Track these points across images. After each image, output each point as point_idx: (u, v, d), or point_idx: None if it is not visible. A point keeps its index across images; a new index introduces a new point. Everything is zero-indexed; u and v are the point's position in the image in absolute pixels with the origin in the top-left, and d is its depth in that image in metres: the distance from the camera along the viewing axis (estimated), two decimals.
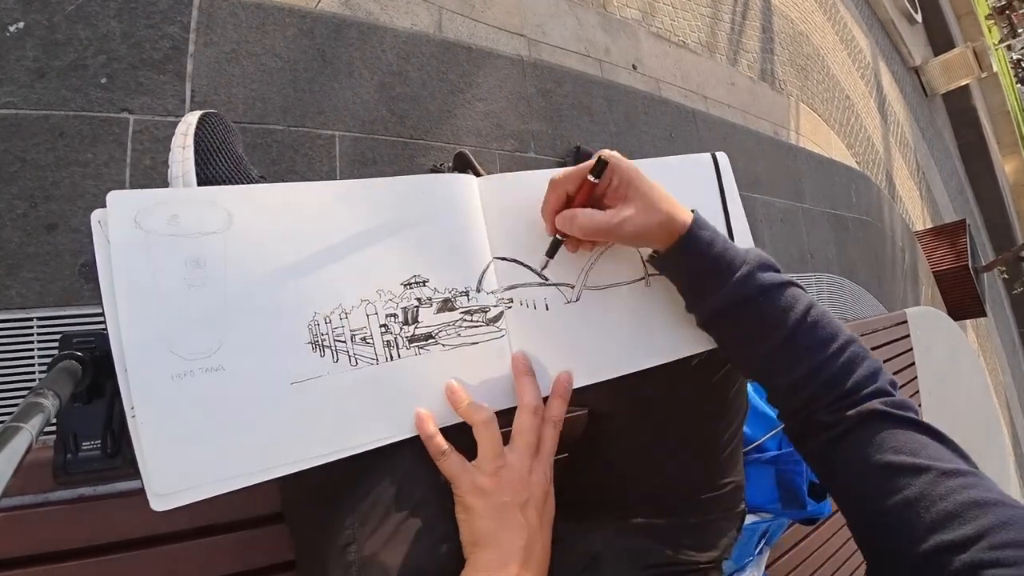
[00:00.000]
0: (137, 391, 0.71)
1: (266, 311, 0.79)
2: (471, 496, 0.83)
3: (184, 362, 0.74)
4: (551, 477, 0.91)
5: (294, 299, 0.81)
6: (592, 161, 0.86)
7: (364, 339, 0.85)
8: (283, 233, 0.82)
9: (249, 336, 0.78)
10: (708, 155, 1.11)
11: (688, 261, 0.89)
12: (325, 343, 0.82)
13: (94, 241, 0.72)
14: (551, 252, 0.93)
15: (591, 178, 0.86)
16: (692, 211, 0.90)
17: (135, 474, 0.74)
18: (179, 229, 0.76)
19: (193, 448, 0.74)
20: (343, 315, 0.84)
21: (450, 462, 0.84)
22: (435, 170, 2.49)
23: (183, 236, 0.76)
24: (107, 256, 0.72)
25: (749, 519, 1.63)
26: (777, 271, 0.89)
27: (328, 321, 0.82)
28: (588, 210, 0.87)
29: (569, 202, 0.90)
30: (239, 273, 0.78)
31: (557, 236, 0.92)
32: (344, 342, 0.83)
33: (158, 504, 0.72)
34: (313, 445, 0.80)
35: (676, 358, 1.00)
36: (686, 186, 1.06)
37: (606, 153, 0.85)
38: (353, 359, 0.84)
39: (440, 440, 0.85)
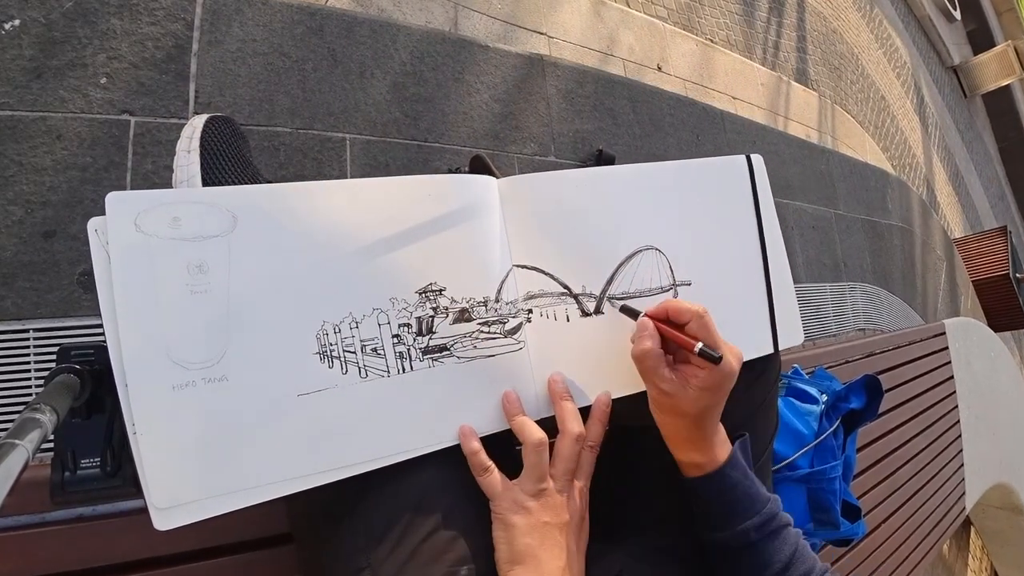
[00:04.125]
0: (137, 401, 0.71)
1: (272, 319, 0.78)
2: (513, 514, 0.84)
3: (186, 372, 0.73)
4: (587, 501, 0.92)
5: (302, 307, 0.80)
6: (711, 347, 0.83)
7: (375, 350, 0.84)
8: (291, 237, 0.81)
9: (254, 345, 0.77)
10: (742, 157, 1.09)
11: (709, 493, 0.91)
12: (334, 353, 0.81)
13: (91, 250, 0.71)
14: (625, 311, 0.94)
15: (697, 351, 0.83)
16: (732, 450, 0.91)
17: (136, 493, 0.74)
18: (181, 232, 0.75)
19: (195, 461, 0.74)
20: (353, 324, 0.83)
21: (493, 480, 0.86)
22: (451, 174, 2.47)
23: (185, 240, 0.75)
24: (105, 261, 0.71)
25: None
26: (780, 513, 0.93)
27: (337, 331, 0.81)
28: (660, 352, 0.86)
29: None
30: (244, 279, 0.77)
31: (644, 313, 0.90)
32: (354, 353, 0.82)
33: (161, 522, 0.72)
34: (321, 461, 0.80)
35: None
36: (716, 190, 1.06)
37: (717, 347, 0.83)
38: (363, 371, 0.83)
39: (484, 457, 0.86)
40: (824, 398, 1.76)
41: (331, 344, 0.81)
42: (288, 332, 0.79)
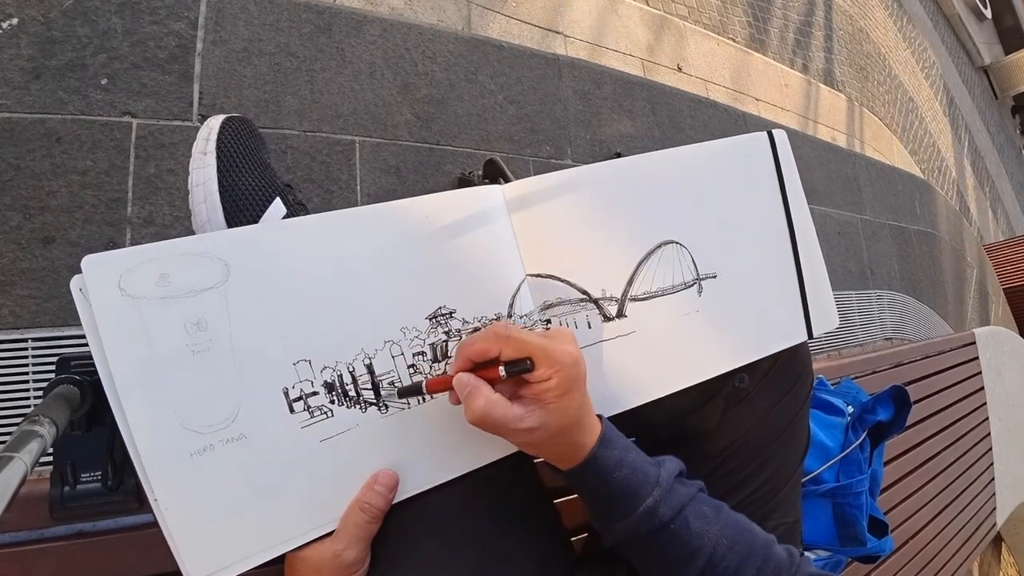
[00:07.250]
0: (155, 476, 0.69)
1: (282, 368, 0.76)
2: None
3: (201, 437, 0.72)
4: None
5: (311, 351, 0.78)
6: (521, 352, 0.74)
7: (393, 383, 0.82)
8: (288, 278, 0.78)
9: (267, 398, 0.75)
10: (763, 134, 1.06)
11: (589, 485, 0.82)
12: (351, 393, 0.80)
13: (79, 313, 0.68)
14: (405, 393, 0.82)
15: (503, 375, 0.74)
16: (601, 425, 0.82)
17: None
18: (171, 290, 0.72)
19: (227, 525, 0.74)
20: (367, 360, 0.81)
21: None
22: (463, 178, 2.47)
23: (177, 297, 0.72)
24: (95, 331, 0.68)
25: None
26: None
27: (351, 369, 0.80)
28: (496, 398, 0.74)
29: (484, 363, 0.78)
30: (246, 330, 0.75)
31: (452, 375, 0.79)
32: (371, 389, 0.81)
33: None
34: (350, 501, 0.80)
35: (740, 365, 0.98)
36: (736, 171, 1.04)
37: (544, 348, 0.74)
38: (383, 407, 0.81)
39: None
40: (850, 410, 1.76)
41: (347, 384, 0.79)
42: (300, 379, 0.78)
